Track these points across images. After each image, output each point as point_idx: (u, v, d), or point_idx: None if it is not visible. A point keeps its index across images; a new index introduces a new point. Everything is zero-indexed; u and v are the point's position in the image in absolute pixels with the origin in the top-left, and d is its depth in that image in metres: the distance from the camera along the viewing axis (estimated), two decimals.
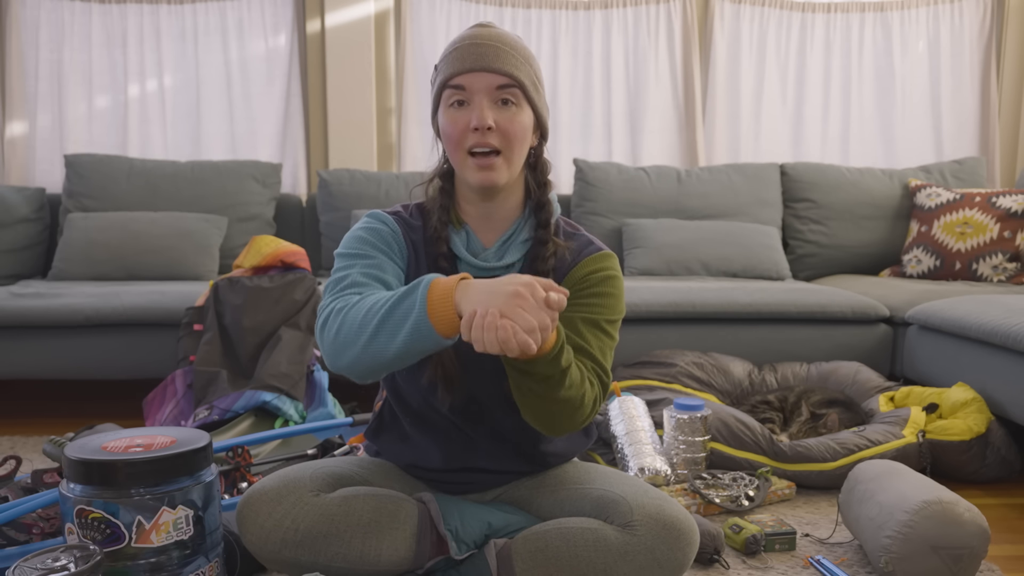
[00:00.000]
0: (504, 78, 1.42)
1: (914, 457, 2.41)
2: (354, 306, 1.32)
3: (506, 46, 1.44)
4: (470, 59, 1.42)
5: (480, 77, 1.42)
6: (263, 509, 1.44)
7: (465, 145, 1.44)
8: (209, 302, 2.94)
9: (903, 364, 3.16)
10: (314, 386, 2.80)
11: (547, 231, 1.53)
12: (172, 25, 4.28)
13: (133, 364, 3.05)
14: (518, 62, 1.44)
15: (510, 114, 1.43)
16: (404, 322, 1.24)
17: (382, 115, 4.43)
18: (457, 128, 1.43)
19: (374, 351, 1.27)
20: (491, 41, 1.43)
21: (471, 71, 1.41)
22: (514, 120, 1.44)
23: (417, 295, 1.24)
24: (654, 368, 2.96)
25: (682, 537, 1.43)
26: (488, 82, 1.42)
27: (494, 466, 1.60)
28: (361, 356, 1.29)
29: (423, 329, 1.23)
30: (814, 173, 4.17)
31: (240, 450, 2.13)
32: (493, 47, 1.42)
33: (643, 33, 4.48)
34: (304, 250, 3.30)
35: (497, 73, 1.42)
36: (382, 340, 1.26)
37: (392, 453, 1.65)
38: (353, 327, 1.29)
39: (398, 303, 1.26)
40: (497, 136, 1.43)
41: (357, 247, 1.47)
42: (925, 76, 4.58)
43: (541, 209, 1.54)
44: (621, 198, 4.04)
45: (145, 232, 3.66)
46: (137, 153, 4.29)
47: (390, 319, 1.26)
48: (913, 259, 3.88)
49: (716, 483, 2.27)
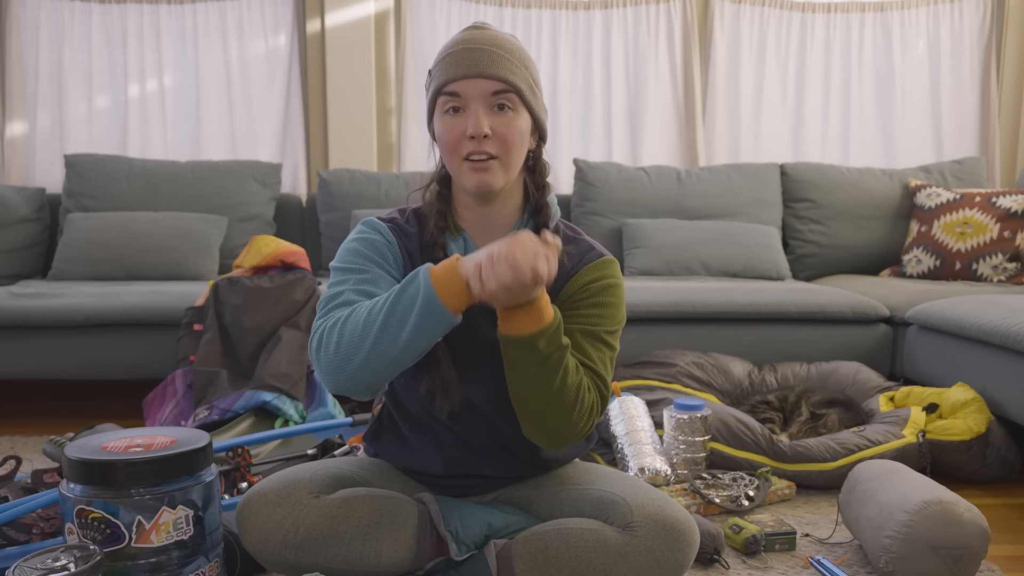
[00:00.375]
0: (499, 84, 1.39)
1: (914, 457, 2.41)
2: (351, 315, 1.33)
3: (501, 50, 1.41)
4: (464, 65, 1.39)
5: (474, 83, 1.39)
6: (263, 511, 1.44)
7: (461, 152, 1.41)
8: (209, 302, 2.94)
9: (903, 364, 3.16)
10: (314, 386, 2.81)
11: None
12: (172, 25, 4.28)
13: (133, 364, 3.05)
14: (514, 66, 1.41)
15: (506, 119, 1.41)
16: (411, 308, 1.27)
17: (382, 115, 4.43)
18: (453, 135, 1.41)
19: (382, 349, 1.28)
20: (485, 45, 1.40)
21: (465, 77, 1.39)
22: (510, 125, 1.41)
23: (419, 279, 1.27)
24: (654, 368, 2.96)
25: (682, 538, 1.42)
26: (483, 88, 1.39)
27: (493, 472, 1.60)
28: (367, 360, 1.29)
29: (432, 307, 1.26)
30: (814, 173, 4.17)
31: (240, 450, 2.13)
32: (488, 52, 1.40)
33: (643, 33, 4.48)
34: (304, 250, 3.29)
35: (492, 79, 1.39)
36: (390, 334, 1.27)
37: (391, 456, 1.65)
38: (355, 333, 1.30)
39: (401, 294, 1.28)
40: (494, 143, 1.40)
41: (351, 260, 1.46)
42: (925, 76, 4.58)
43: (539, 212, 1.52)
44: (621, 198, 4.04)
45: (145, 232, 3.66)
46: (137, 153, 4.29)
47: (396, 311, 1.27)
48: (913, 259, 3.88)
49: (716, 483, 2.27)
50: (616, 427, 2.45)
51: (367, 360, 1.29)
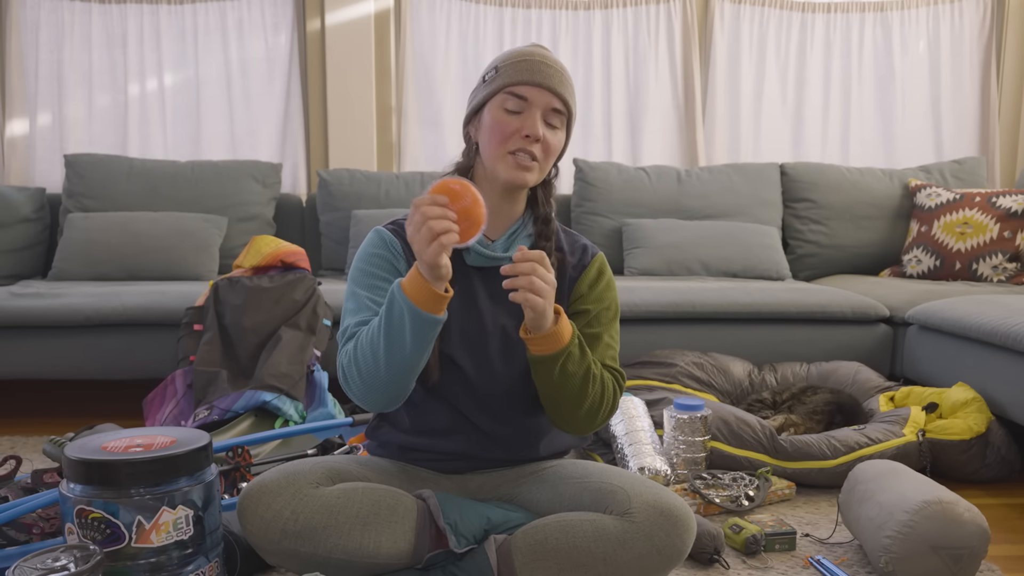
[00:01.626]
0: (560, 102, 1.57)
1: (914, 456, 2.41)
2: (358, 348, 1.46)
3: (566, 75, 1.59)
4: (539, 75, 1.55)
5: (542, 94, 1.55)
6: (263, 500, 1.46)
7: (510, 146, 1.55)
8: (209, 302, 2.94)
9: (903, 364, 3.16)
10: (314, 386, 2.81)
11: (550, 243, 1.64)
12: (172, 25, 4.28)
13: (133, 364, 3.05)
14: (571, 92, 1.60)
15: (553, 133, 1.58)
16: (403, 325, 1.39)
17: (382, 115, 4.43)
18: (508, 129, 1.55)
19: (397, 364, 1.41)
20: (555, 65, 1.58)
21: (539, 86, 1.55)
22: (556, 139, 1.59)
23: (397, 300, 1.39)
24: (654, 368, 2.96)
25: (680, 523, 1.46)
26: (547, 101, 1.56)
27: (494, 431, 1.65)
28: (390, 378, 1.43)
29: (420, 318, 1.38)
30: (814, 173, 4.17)
31: (240, 450, 2.13)
32: (558, 72, 1.57)
33: (643, 33, 4.48)
34: (304, 250, 3.30)
35: (557, 96, 1.56)
36: (396, 351, 1.40)
37: (394, 441, 1.68)
38: (368, 361, 1.43)
39: (389, 316, 1.41)
40: (540, 148, 1.56)
41: (362, 282, 1.59)
42: (925, 76, 4.58)
43: (547, 224, 1.66)
44: (621, 198, 4.04)
45: (145, 232, 3.66)
46: (137, 153, 4.29)
47: (392, 332, 1.40)
48: (913, 259, 3.88)
49: (716, 483, 2.28)
50: (616, 427, 2.45)
51: (390, 378, 1.43)
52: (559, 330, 1.47)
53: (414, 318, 1.38)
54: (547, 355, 1.48)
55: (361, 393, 1.47)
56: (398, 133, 4.44)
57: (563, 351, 1.47)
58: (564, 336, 1.47)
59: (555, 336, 1.46)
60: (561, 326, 1.47)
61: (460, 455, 1.65)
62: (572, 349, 1.49)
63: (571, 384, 1.51)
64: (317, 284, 3.03)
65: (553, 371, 1.49)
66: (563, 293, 1.65)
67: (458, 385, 1.61)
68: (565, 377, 1.50)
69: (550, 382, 1.51)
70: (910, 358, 3.10)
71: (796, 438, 2.42)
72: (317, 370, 2.84)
